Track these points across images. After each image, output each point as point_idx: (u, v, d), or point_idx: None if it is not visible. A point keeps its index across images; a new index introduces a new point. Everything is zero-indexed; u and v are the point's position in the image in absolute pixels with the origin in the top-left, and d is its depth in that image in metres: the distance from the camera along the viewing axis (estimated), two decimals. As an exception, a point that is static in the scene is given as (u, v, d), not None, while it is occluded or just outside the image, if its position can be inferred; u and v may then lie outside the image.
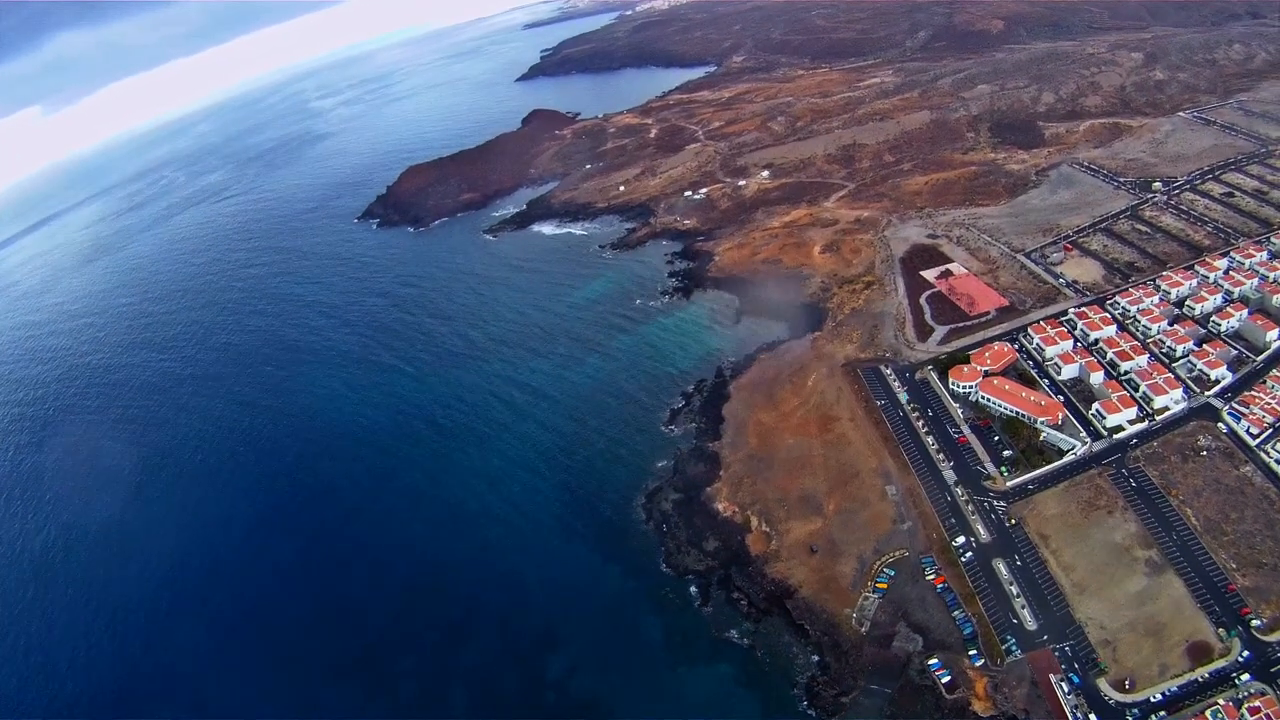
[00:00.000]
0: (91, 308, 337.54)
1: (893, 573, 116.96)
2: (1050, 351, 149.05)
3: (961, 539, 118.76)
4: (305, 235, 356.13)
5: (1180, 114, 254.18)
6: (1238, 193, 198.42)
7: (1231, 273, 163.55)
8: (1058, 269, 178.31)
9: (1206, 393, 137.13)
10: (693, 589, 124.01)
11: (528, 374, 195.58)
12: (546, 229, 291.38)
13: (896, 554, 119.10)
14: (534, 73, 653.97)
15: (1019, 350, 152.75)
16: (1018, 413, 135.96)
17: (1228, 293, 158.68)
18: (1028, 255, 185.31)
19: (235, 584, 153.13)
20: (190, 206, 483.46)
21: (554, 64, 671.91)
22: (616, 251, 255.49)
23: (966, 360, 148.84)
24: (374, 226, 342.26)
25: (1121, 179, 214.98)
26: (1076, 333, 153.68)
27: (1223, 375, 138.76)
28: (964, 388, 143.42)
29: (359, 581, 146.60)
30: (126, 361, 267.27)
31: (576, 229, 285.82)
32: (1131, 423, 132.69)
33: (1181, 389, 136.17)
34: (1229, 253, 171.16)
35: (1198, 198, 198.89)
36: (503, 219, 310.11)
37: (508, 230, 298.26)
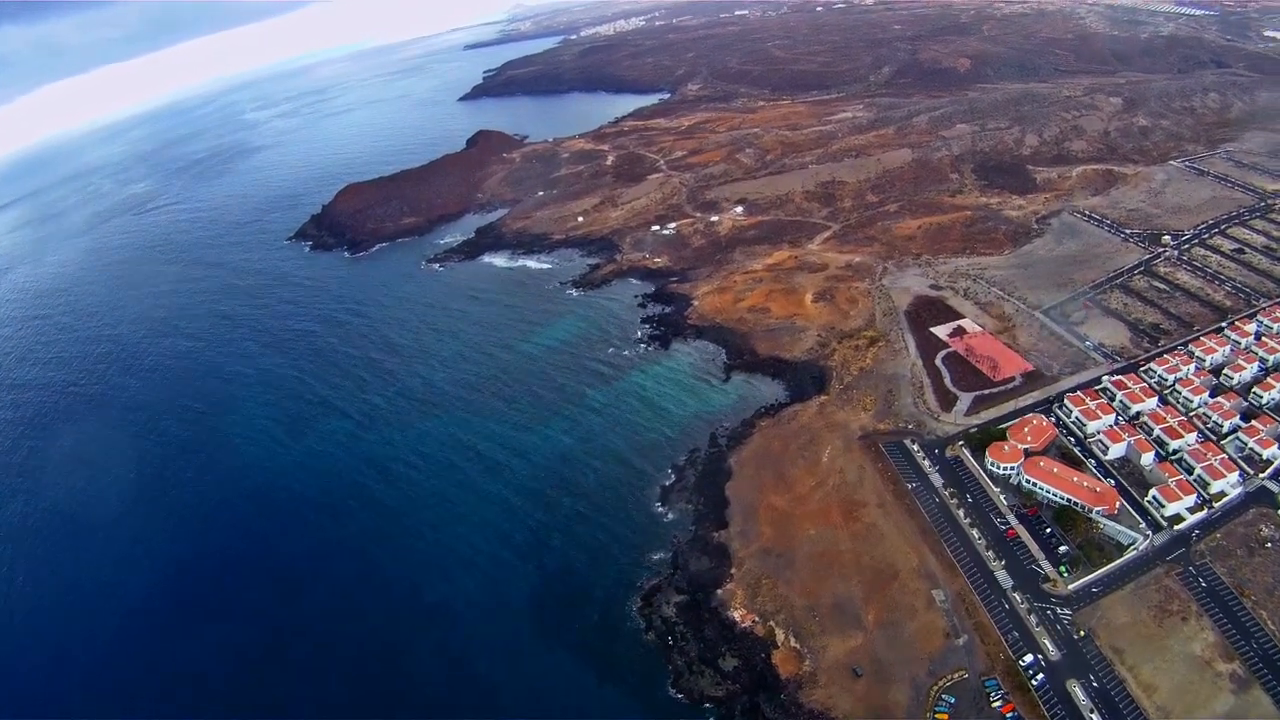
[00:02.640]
0: (6, 318, 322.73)
1: (953, 699, 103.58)
2: (1092, 426, 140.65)
3: (1030, 658, 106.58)
4: (236, 254, 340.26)
5: (1172, 163, 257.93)
6: (1248, 249, 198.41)
7: (1263, 338, 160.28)
8: (1080, 329, 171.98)
9: (1261, 475, 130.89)
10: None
11: (495, 426, 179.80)
12: (498, 261, 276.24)
13: (955, 676, 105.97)
14: (477, 93, 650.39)
15: (1056, 424, 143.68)
16: (1069, 500, 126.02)
17: (1263, 360, 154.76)
18: (1045, 313, 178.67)
19: (143, 674, 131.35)
20: (116, 216, 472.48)
21: (498, 84, 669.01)
22: (581, 290, 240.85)
23: (1003, 436, 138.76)
24: (306, 249, 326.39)
25: (1127, 230, 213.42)
26: (1116, 405, 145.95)
27: (1275, 455, 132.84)
28: (1004, 469, 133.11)
29: (297, 682, 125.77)
30: (42, 382, 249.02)
31: (532, 262, 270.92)
32: (1191, 511, 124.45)
33: (1238, 472, 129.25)
34: (1255, 315, 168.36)
35: (1209, 253, 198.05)
36: (449, 247, 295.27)
37: (455, 260, 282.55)
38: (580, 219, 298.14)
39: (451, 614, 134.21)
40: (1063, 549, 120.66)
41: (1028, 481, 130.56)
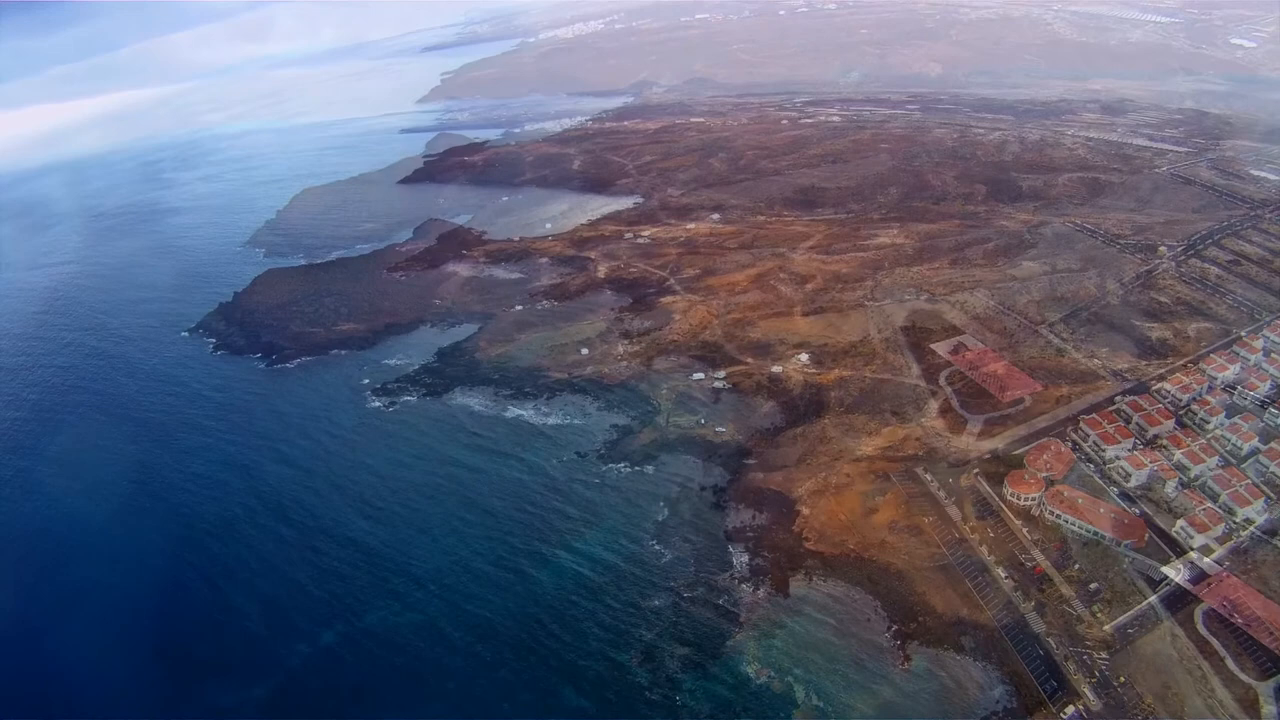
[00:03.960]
0: None
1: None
2: (1111, 451, 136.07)
3: (1071, 710, 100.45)
4: (123, 347, 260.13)
5: (1156, 170, 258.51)
6: (1244, 260, 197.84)
7: (1272, 354, 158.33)
8: (1086, 345, 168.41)
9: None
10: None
11: (475, 445, 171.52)
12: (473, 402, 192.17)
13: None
14: (436, 95, 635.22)
15: (1073, 448, 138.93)
16: (1096, 533, 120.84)
17: (1275, 378, 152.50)
18: (1049, 327, 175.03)
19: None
20: (6, 270, 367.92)
21: (457, 87, 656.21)
22: (552, 301, 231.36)
23: (1020, 463, 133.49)
24: (210, 348, 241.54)
25: (1122, 241, 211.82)
26: (1132, 427, 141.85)
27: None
28: (1026, 500, 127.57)
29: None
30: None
31: (500, 271, 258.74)
32: (1220, 540, 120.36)
33: (1264, 498, 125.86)
34: (1262, 330, 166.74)
35: (1207, 265, 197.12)
36: (401, 373, 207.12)
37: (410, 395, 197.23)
38: (549, 225, 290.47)
39: (435, 659, 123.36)
40: (1093, 586, 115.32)
41: (1051, 513, 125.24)
